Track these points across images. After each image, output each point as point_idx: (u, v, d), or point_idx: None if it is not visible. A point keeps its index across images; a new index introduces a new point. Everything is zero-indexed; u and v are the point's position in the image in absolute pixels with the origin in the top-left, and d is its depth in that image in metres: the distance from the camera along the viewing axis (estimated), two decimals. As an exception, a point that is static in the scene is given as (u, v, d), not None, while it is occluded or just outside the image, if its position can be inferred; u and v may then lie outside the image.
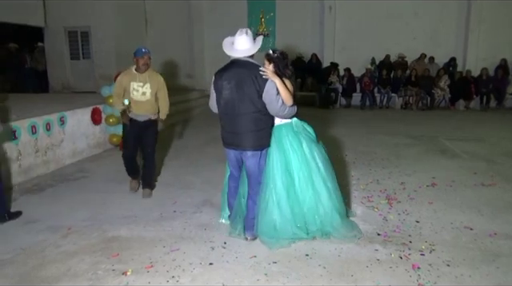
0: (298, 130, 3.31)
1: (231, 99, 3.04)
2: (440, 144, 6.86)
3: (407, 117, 10.36)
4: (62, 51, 11.74)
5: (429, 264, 2.89)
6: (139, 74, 4.15)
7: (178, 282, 2.68)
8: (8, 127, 4.56)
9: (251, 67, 3.06)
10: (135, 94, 4.16)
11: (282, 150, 3.19)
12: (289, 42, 12.46)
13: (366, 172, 5.24)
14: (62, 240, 3.30)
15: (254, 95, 3.01)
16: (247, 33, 3.11)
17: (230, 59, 3.16)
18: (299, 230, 3.18)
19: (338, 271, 2.81)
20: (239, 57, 3.09)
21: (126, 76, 4.19)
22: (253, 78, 3.00)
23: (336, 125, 8.81)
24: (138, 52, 4.11)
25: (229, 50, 3.12)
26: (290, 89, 3.11)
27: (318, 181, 3.21)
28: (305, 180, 3.18)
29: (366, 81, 11.68)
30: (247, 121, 3.06)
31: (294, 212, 3.17)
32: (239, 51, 3.09)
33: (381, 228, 3.50)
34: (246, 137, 3.09)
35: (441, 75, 11.60)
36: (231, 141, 3.17)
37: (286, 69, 3.23)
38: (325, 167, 3.27)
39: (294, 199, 3.19)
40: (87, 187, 4.74)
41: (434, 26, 12.14)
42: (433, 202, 4.14)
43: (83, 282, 2.68)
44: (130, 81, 4.15)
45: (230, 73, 3.06)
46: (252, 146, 3.12)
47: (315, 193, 3.20)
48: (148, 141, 4.32)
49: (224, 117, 3.16)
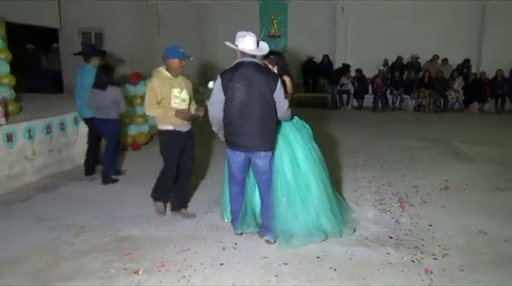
0: (299, 126, 3.48)
1: (246, 100, 3.02)
2: (454, 147, 6.76)
3: (420, 119, 10.24)
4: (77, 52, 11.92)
5: (442, 269, 2.85)
6: (174, 79, 3.59)
7: (188, 282, 2.69)
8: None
9: (262, 68, 3.09)
10: (177, 102, 3.57)
11: (288, 142, 3.33)
12: (300, 44, 12.47)
13: (377, 174, 5.20)
14: (75, 238, 3.35)
15: (268, 96, 3.04)
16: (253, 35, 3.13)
17: (237, 61, 3.12)
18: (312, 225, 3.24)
19: (349, 274, 2.79)
20: (247, 59, 3.08)
21: (164, 81, 3.54)
22: (266, 79, 3.03)
23: (347, 126, 8.76)
24: (176, 53, 3.53)
25: (251, 49, 3.08)
26: (288, 90, 3.34)
27: (317, 172, 3.34)
28: (309, 170, 3.32)
29: (378, 83, 11.59)
30: (261, 122, 3.06)
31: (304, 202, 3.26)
32: (260, 50, 3.14)
33: (393, 231, 3.47)
34: (260, 138, 3.08)
35: (454, 77, 11.45)
36: (241, 143, 3.11)
37: (286, 68, 3.46)
38: (321, 161, 3.45)
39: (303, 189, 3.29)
40: (100, 186, 4.79)
41: (448, 27, 11.98)
42: (446, 206, 4.09)
43: (95, 280, 2.71)
44: (171, 88, 3.55)
45: (241, 75, 3.03)
46: (265, 147, 3.12)
47: (317, 184, 3.32)
48: (190, 154, 3.80)
49: (236, 119, 3.08)
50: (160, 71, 3.60)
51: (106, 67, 4.82)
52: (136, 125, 6.54)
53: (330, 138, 7.32)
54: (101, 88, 4.61)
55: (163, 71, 3.58)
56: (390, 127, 8.92)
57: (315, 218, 3.26)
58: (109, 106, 4.66)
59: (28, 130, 4.81)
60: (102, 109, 4.65)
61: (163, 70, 3.59)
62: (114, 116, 4.76)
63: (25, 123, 4.82)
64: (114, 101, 4.68)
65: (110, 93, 4.63)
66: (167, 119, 3.56)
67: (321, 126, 8.60)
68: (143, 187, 4.70)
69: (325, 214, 3.28)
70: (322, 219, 3.27)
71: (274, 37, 13.04)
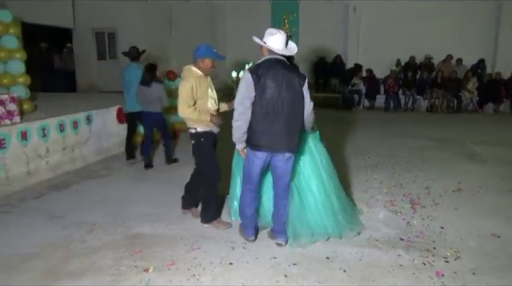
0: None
1: (275, 98, 2.91)
2: (467, 149, 6.66)
3: (433, 119, 10.12)
4: (90, 52, 12.07)
5: (453, 272, 2.81)
6: (206, 78, 3.45)
7: (198, 280, 2.71)
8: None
9: (290, 66, 3.06)
10: (212, 102, 3.45)
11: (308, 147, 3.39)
12: (312, 43, 12.40)
13: (389, 175, 5.15)
14: (87, 235, 3.39)
15: (298, 95, 2.98)
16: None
17: (265, 58, 3.03)
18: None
19: (359, 275, 2.77)
20: (276, 57, 3.02)
21: (200, 81, 3.35)
22: (296, 78, 2.98)
23: (358, 126, 8.70)
24: (210, 53, 3.38)
25: (279, 49, 3.03)
26: None
27: (319, 173, 3.39)
28: (310, 170, 3.37)
29: (390, 83, 11.49)
30: (289, 121, 2.97)
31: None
32: (288, 50, 3.10)
33: (404, 233, 3.44)
34: (287, 138, 2.98)
35: (468, 77, 11.28)
36: (266, 143, 2.97)
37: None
38: (323, 162, 3.47)
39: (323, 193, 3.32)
40: (112, 184, 4.84)
41: (462, 27, 11.81)
42: (458, 208, 4.03)
43: (106, 277, 2.74)
44: (207, 88, 3.42)
45: (272, 72, 2.92)
46: (290, 148, 3.02)
47: (318, 185, 3.36)
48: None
49: (263, 117, 2.93)
50: (193, 70, 3.41)
51: (151, 66, 5.34)
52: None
53: (341, 138, 7.28)
54: (146, 85, 5.18)
55: (196, 70, 3.40)
56: (401, 127, 8.84)
57: (318, 218, 3.25)
58: (154, 101, 5.24)
59: (42, 129, 4.89)
60: (148, 103, 5.25)
61: (195, 69, 3.40)
62: (158, 109, 5.36)
63: (39, 121, 4.90)
64: (158, 97, 5.24)
65: (154, 89, 5.20)
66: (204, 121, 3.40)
67: (331, 126, 8.55)
68: (155, 185, 4.76)
69: (325, 214, 3.26)
70: (323, 219, 3.25)
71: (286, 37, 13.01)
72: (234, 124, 3.02)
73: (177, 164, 5.67)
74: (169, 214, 3.85)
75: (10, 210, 3.97)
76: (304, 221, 3.24)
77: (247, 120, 2.98)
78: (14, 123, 4.58)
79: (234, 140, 3.10)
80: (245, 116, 2.97)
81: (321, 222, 3.26)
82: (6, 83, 5.34)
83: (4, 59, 5.37)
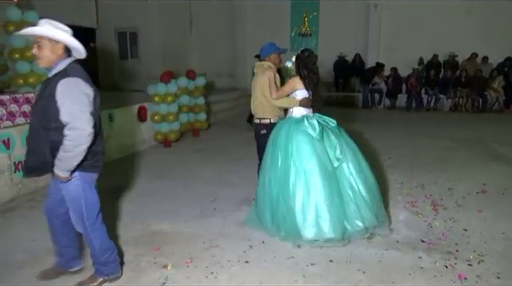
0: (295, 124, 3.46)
1: None
2: (492, 150, 6.47)
3: (456, 119, 9.87)
4: (112, 51, 12.31)
5: (476, 276, 2.74)
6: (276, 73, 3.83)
7: (216, 278, 2.73)
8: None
9: None
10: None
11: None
12: (332, 42, 12.30)
13: (410, 176, 5.05)
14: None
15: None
16: None
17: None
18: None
19: (378, 277, 2.73)
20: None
21: (274, 72, 3.77)
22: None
23: (379, 126, 8.57)
24: (275, 48, 3.86)
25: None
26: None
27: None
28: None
29: (412, 82, 11.27)
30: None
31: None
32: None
33: (425, 235, 3.36)
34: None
35: (494, 76, 10.95)
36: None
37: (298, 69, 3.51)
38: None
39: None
40: (132, 181, 4.92)
41: (488, 25, 11.45)
42: (483, 210, 3.92)
43: (127, 273, 2.79)
44: (278, 81, 3.84)
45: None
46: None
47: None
48: None
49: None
50: (265, 65, 3.83)
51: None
52: (167, 122, 6.68)
53: (360, 138, 7.19)
54: None
55: (270, 64, 3.82)
56: (423, 127, 8.65)
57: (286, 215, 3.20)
58: None
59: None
60: None
61: (268, 63, 3.83)
62: None
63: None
64: None
65: None
66: (278, 111, 3.78)
67: (351, 126, 8.46)
68: (174, 183, 4.82)
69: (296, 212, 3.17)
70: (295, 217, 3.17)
71: (305, 36, 12.93)
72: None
73: (195, 163, 5.72)
74: (187, 212, 3.89)
75: (35, 205, 4.09)
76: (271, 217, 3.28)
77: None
78: (39, 121, 4.70)
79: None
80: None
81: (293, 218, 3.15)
82: (32, 82, 5.50)
83: (30, 59, 5.53)
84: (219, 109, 9.87)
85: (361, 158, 3.43)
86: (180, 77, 7.20)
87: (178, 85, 6.88)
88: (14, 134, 4.31)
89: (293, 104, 3.53)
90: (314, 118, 3.43)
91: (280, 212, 3.24)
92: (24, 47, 5.48)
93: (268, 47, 3.88)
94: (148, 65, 11.82)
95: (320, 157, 3.21)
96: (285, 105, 3.65)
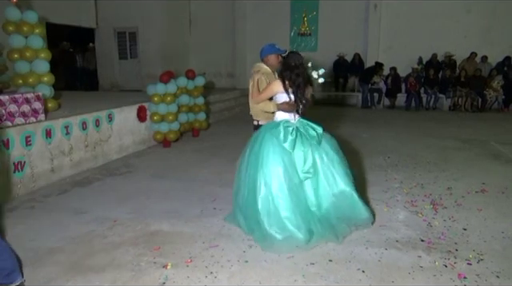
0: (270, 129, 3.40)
1: None
2: (492, 149, 6.48)
3: (456, 118, 9.89)
4: (111, 51, 12.31)
5: (476, 275, 2.74)
6: (273, 74, 3.85)
7: (216, 278, 2.73)
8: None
9: None
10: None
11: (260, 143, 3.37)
12: (331, 41, 12.31)
13: (409, 175, 5.06)
14: (108, 231, 3.46)
15: None
16: None
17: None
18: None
19: (377, 276, 2.74)
20: None
21: (267, 76, 3.76)
22: None
23: (378, 125, 8.58)
24: (274, 49, 3.81)
25: None
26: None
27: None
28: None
29: (411, 82, 11.28)
30: None
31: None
32: None
33: (425, 234, 3.37)
34: None
35: (493, 75, 10.96)
36: None
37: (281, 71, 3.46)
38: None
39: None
40: (132, 181, 4.93)
41: (487, 24, 11.49)
42: (482, 209, 3.93)
43: (126, 272, 2.79)
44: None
45: None
46: None
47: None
48: None
49: None
50: (261, 66, 3.83)
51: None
52: (167, 122, 6.67)
53: (360, 138, 7.20)
54: None
55: (265, 66, 3.82)
56: (423, 126, 8.66)
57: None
58: None
59: (65, 126, 5.01)
60: None
61: (264, 65, 3.83)
62: None
63: (62, 119, 5.03)
64: None
65: None
66: (267, 114, 3.69)
67: (350, 125, 8.46)
68: (173, 183, 4.82)
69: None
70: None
71: (305, 35, 12.95)
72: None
73: (195, 163, 5.73)
74: (187, 212, 3.89)
75: (35, 205, 4.09)
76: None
77: None
78: (39, 121, 4.72)
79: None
80: None
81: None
82: (31, 82, 5.50)
83: (30, 59, 5.53)
84: (219, 108, 9.88)
85: (340, 169, 3.29)
86: (179, 76, 7.20)
87: (177, 84, 6.87)
88: (13, 134, 4.32)
89: (273, 108, 3.45)
90: (292, 125, 3.30)
91: (250, 216, 3.26)
92: (23, 47, 5.49)
93: (266, 48, 3.83)
94: (147, 64, 11.82)
95: (287, 168, 3.16)
96: (266, 109, 3.56)
